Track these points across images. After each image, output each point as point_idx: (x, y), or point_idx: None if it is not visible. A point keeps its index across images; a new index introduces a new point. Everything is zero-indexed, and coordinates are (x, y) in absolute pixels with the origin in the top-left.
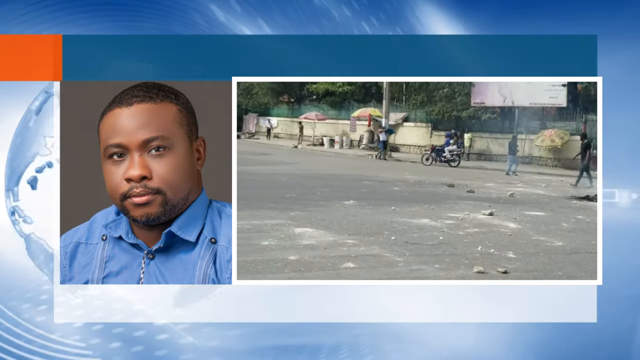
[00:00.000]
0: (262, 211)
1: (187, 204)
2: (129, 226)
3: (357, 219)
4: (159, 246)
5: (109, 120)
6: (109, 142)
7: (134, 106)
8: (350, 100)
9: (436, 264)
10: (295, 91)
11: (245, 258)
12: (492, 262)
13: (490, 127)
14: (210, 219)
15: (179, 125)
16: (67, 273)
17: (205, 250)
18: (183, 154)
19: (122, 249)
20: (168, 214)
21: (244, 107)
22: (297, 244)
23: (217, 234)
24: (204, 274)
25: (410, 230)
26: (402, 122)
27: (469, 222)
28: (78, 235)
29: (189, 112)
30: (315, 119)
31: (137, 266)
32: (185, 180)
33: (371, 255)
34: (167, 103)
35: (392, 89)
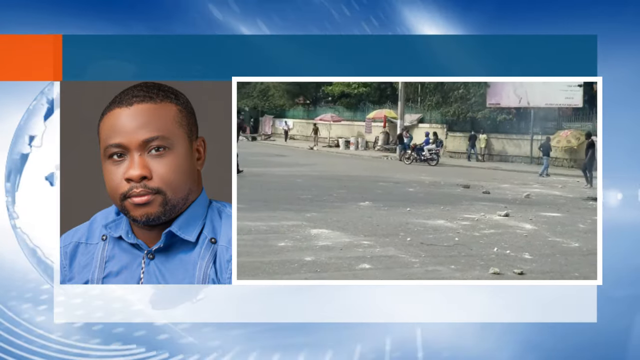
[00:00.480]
0: (278, 212)
1: (187, 204)
2: (129, 226)
3: (373, 220)
4: (159, 246)
5: (109, 120)
6: (109, 142)
7: (134, 106)
8: (365, 102)
9: (452, 265)
10: (311, 93)
11: (262, 259)
12: (508, 263)
13: (506, 128)
14: (210, 219)
15: (179, 125)
16: (67, 273)
17: (205, 250)
18: (183, 154)
19: (122, 249)
20: (168, 214)
21: (260, 109)
22: (313, 245)
23: (217, 234)
24: (204, 274)
25: (425, 231)
26: (417, 124)
27: (485, 223)
28: (78, 235)
29: (189, 112)
30: (331, 120)
31: (137, 266)
32: (185, 180)
33: (387, 256)
34: (167, 103)
35: (407, 90)
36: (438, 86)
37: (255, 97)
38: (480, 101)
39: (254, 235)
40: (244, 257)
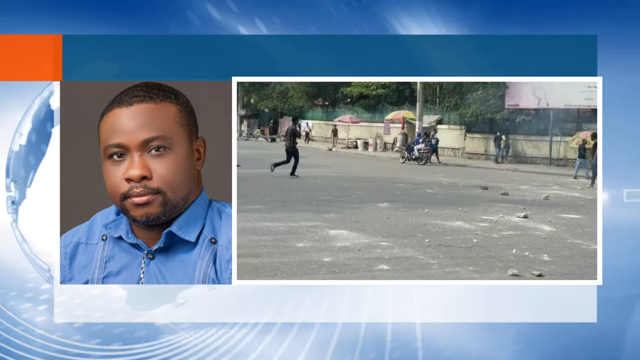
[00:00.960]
0: (297, 213)
1: (187, 204)
2: (129, 226)
3: (391, 221)
4: (159, 246)
5: (109, 120)
6: (109, 142)
7: (134, 106)
8: (384, 103)
9: (470, 266)
10: (330, 94)
11: (281, 260)
12: (527, 265)
13: (525, 129)
14: (210, 219)
15: (179, 125)
16: (67, 273)
17: (205, 250)
18: (183, 154)
19: (122, 249)
20: (168, 214)
21: (280, 110)
22: (331, 246)
23: (217, 234)
24: (204, 274)
25: (444, 232)
26: (436, 125)
27: (503, 224)
28: (78, 235)
29: (189, 112)
30: (349, 122)
31: (137, 266)
32: (185, 180)
33: (405, 258)
34: (167, 103)
35: (425, 92)
36: (456, 87)
37: (275, 98)
38: (499, 102)
39: (273, 235)
40: (263, 258)
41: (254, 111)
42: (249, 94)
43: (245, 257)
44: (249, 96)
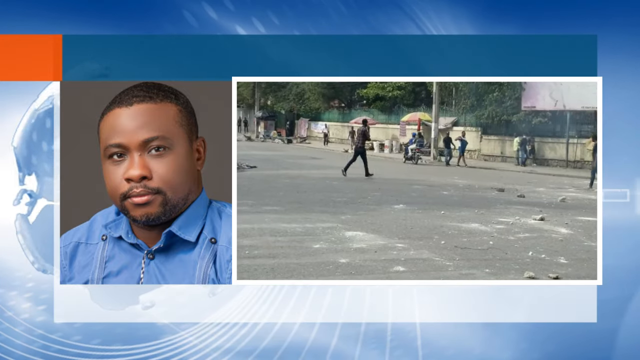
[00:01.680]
0: (313, 214)
1: (187, 204)
2: (129, 226)
3: (407, 222)
4: (159, 246)
5: (109, 120)
6: (109, 142)
7: (134, 106)
8: (400, 105)
9: (486, 268)
10: (346, 96)
11: (298, 261)
12: (543, 267)
13: (541, 131)
14: (210, 219)
15: (179, 125)
16: (67, 273)
17: (205, 250)
18: (183, 154)
19: (122, 249)
20: (168, 214)
21: (296, 112)
22: (347, 247)
23: (217, 234)
24: (204, 274)
25: (460, 234)
26: (452, 126)
27: (520, 227)
28: (78, 235)
29: (189, 112)
30: None
31: (137, 266)
32: (185, 180)
33: (421, 259)
34: (167, 103)
35: (441, 93)
36: (472, 89)
37: (292, 100)
38: (515, 104)
39: (289, 237)
40: (280, 259)
41: (270, 113)
42: (265, 96)
43: (261, 258)
44: (266, 98)
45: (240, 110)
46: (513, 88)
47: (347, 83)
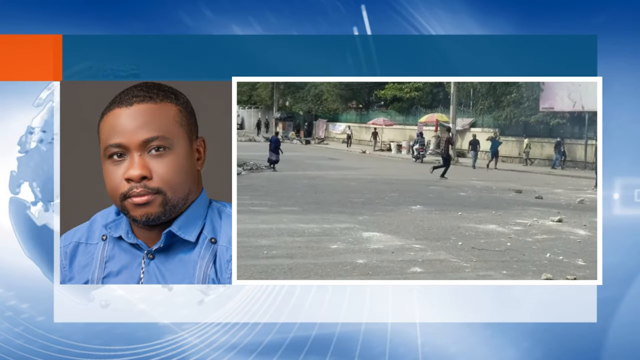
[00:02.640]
0: (331, 215)
1: (187, 204)
2: (129, 226)
3: (424, 223)
4: (159, 246)
5: (109, 120)
6: (109, 142)
7: (134, 106)
8: (417, 106)
9: (503, 270)
10: (364, 97)
11: (315, 261)
12: (561, 269)
13: (559, 133)
14: (210, 219)
15: (179, 125)
16: (67, 273)
17: (205, 250)
18: (183, 154)
19: (122, 249)
20: (168, 214)
21: (314, 113)
22: (365, 248)
23: (217, 234)
24: (204, 274)
25: (477, 235)
26: (470, 128)
27: (537, 228)
28: (78, 235)
29: (189, 112)
30: (383, 124)
31: (137, 266)
32: (185, 180)
33: (438, 260)
34: (167, 103)
35: (459, 95)
36: (490, 90)
37: (310, 101)
38: (534, 105)
39: (307, 237)
40: (297, 259)
41: (288, 114)
42: (284, 97)
43: (279, 258)
44: (284, 99)
45: (259, 112)
46: (531, 89)
47: (365, 84)
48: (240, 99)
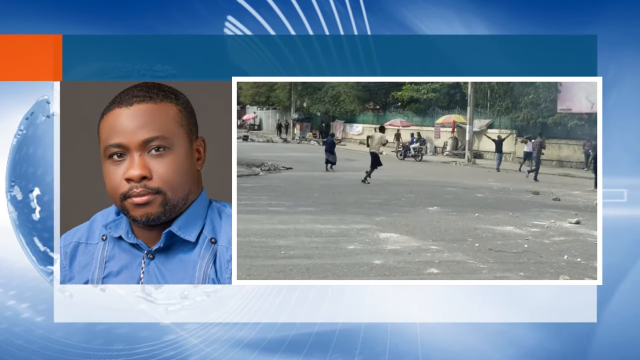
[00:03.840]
0: (348, 216)
1: (187, 204)
2: (129, 226)
3: (441, 225)
4: (159, 246)
5: (109, 120)
6: (109, 142)
7: (134, 106)
8: (434, 107)
9: (521, 272)
10: (381, 98)
11: (332, 262)
12: (579, 271)
13: (577, 134)
14: (210, 219)
15: (179, 125)
16: (67, 273)
17: (205, 250)
18: (183, 154)
19: (122, 249)
20: (168, 214)
21: (332, 114)
22: (382, 249)
23: (217, 234)
24: (204, 274)
25: (494, 237)
26: (487, 129)
27: (555, 230)
28: (78, 235)
29: (189, 112)
30: (400, 125)
31: (137, 266)
32: (185, 180)
33: (455, 262)
34: (167, 103)
35: (476, 96)
36: (508, 91)
37: (327, 102)
38: (551, 107)
39: (324, 237)
40: (315, 260)
41: (306, 115)
42: (301, 98)
43: (297, 258)
44: (302, 100)
45: (277, 113)
46: (548, 90)
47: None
48: (258, 100)
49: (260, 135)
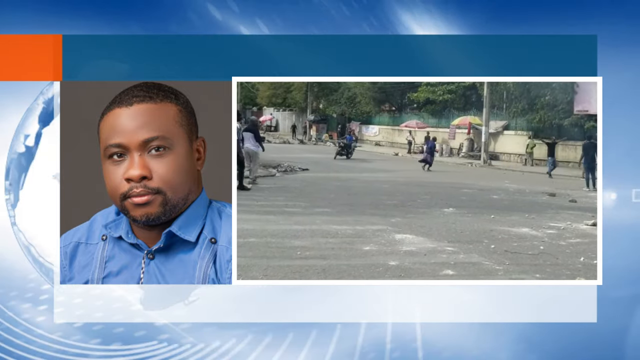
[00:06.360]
0: (364, 217)
1: (187, 204)
2: (129, 226)
3: (457, 226)
4: (159, 246)
5: (109, 120)
6: (109, 142)
7: (134, 106)
8: (450, 109)
9: (537, 273)
10: (397, 99)
11: (348, 262)
12: (595, 273)
13: (594, 136)
14: (210, 219)
15: (179, 125)
16: (67, 273)
17: (205, 250)
18: (183, 154)
19: (122, 249)
20: (168, 214)
21: (347, 115)
22: (397, 250)
23: (217, 234)
24: (204, 274)
25: (510, 239)
26: (503, 130)
27: (571, 232)
28: (78, 235)
29: (189, 112)
30: (416, 127)
31: (137, 266)
32: (185, 180)
33: (470, 263)
34: (167, 103)
35: (492, 97)
36: (524, 93)
37: (343, 104)
38: (568, 108)
39: (340, 238)
40: (331, 260)
41: (322, 116)
42: (318, 99)
43: (313, 258)
44: (318, 101)
45: (293, 114)
46: (564, 91)
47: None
48: (275, 101)
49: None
